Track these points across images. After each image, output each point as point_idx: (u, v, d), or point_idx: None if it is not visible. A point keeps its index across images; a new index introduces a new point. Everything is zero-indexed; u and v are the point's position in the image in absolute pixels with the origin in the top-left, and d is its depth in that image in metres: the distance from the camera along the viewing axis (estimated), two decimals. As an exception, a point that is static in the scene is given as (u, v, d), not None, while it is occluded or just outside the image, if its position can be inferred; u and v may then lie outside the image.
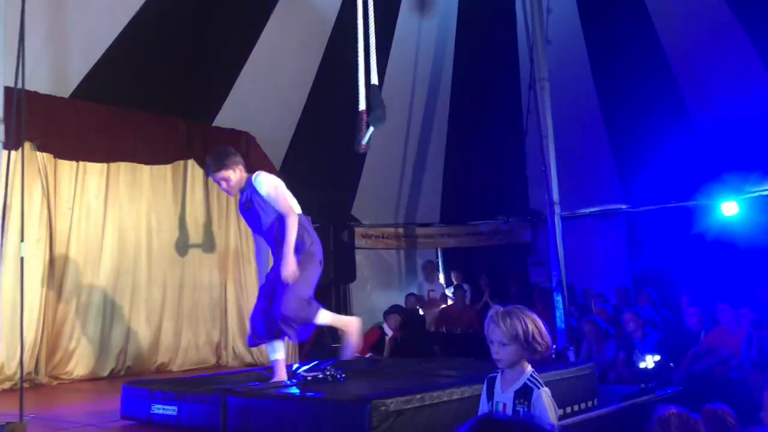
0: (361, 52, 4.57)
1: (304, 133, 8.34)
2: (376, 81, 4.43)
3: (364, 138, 4.43)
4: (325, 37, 7.69)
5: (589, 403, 4.45)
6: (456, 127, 9.21)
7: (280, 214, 4.30)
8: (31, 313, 5.76)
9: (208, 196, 7.58)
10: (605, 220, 9.22)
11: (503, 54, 8.53)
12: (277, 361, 4.38)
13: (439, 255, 10.45)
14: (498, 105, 8.76)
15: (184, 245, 7.22)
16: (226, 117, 7.67)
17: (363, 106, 4.48)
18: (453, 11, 8.32)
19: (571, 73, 8.11)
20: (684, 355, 6.02)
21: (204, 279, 7.48)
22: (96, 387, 6.14)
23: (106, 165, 6.69)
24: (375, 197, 9.44)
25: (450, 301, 9.59)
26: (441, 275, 10.34)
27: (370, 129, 4.41)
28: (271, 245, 4.45)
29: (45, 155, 6.22)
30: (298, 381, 4.28)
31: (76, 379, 6.29)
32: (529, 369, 2.37)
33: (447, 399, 3.42)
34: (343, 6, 7.37)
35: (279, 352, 4.40)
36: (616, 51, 8.09)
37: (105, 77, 6.49)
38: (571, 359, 6.18)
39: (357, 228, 9.49)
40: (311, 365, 4.68)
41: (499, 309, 2.36)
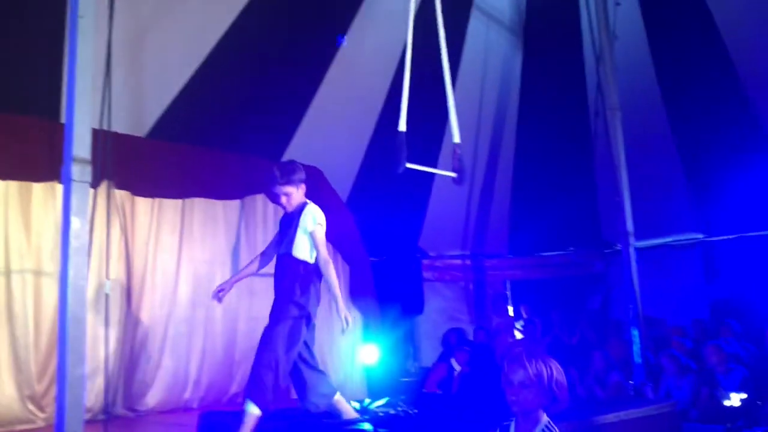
0: (407, 78, 4.59)
1: (370, 167, 8.41)
2: (458, 139, 4.48)
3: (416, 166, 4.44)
4: (391, 72, 7.78)
5: (672, 443, 4.27)
6: (523, 157, 9.13)
7: (304, 260, 4.28)
8: (109, 346, 5.92)
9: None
10: (680, 249, 8.95)
11: (570, 81, 8.44)
12: (339, 401, 4.35)
13: (508, 287, 10.30)
14: (565, 133, 8.65)
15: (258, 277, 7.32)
16: (294, 152, 7.79)
17: (403, 127, 4.52)
18: (519, 41, 8.30)
19: (641, 99, 7.95)
20: (773, 392, 5.72)
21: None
22: (172, 418, 6.24)
23: (181, 201, 6.88)
24: (442, 229, 9.40)
25: (519, 335, 9.40)
26: (510, 308, 10.18)
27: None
28: (277, 276, 4.37)
29: (123, 193, 6.45)
30: (371, 417, 4.25)
31: (152, 411, 6.41)
32: (546, 418, 2.25)
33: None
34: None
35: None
36: (686, 74, 7.90)
37: (179, 116, 6.71)
38: (650, 396, 5.96)
39: (424, 260, 9.46)
40: (383, 401, 4.65)
41: (523, 349, 2.28)
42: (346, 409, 4.30)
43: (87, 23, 3.50)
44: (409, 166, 4.47)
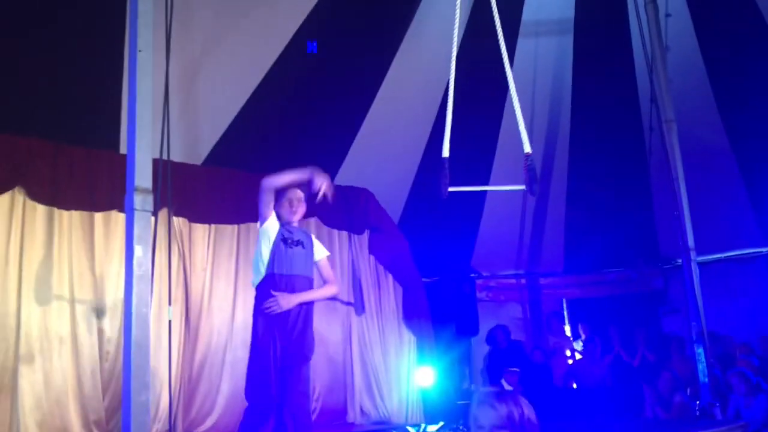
0: (451, 100, 4.57)
1: (420, 187, 8.41)
2: (528, 149, 4.38)
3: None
4: (440, 93, 7.79)
5: (746, 467, 4.10)
6: (576, 172, 8.99)
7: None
8: (171, 372, 6.01)
9: (333, 253, 7.73)
10: (743, 263, 8.68)
11: (622, 95, 8.31)
12: None
13: (564, 306, 10.11)
14: (619, 147, 8.50)
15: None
16: (345, 175, 7.87)
17: (446, 153, 4.52)
18: (568, 59, 8.23)
19: (696, 110, 7.77)
20: None
21: (330, 335, 7.58)
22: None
23: (236, 226, 7.00)
24: (495, 248, 9.32)
25: (578, 355, 9.22)
26: (567, 327, 9.99)
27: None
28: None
29: (180, 219, 6.60)
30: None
31: (211, 435, 6.48)
32: None
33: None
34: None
35: None
36: (742, 83, 7.69)
37: (233, 144, 6.85)
38: (718, 417, 5.76)
39: (478, 280, 9.38)
40: (439, 425, 4.61)
41: (491, 390, 2.22)
42: None
43: (146, 57, 3.62)
44: (452, 189, 4.43)
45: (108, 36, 5.55)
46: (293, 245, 4.39)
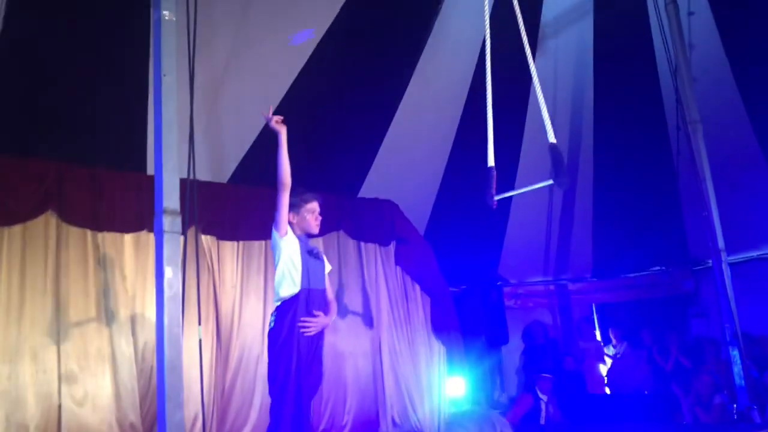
0: (490, 108, 4.47)
1: (445, 196, 8.41)
2: (553, 139, 4.09)
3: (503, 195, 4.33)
4: (462, 101, 7.81)
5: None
6: (602, 175, 8.92)
7: None
8: (203, 390, 6.07)
9: (360, 265, 7.76)
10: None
11: (645, 96, 8.24)
12: None
13: (594, 311, 10.01)
14: (644, 149, 8.42)
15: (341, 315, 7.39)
16: (369, 188, 7.90)
17: (492, 162, 4.37)
18: (589, 61, 8.19)
19: (721, 109, 7.66)
20: None
21: (360, 346, 7.59)
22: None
23: (264, 242, 7.06)
24: (522, 255, 9.27)
25: (609, 360, 9.12)
26: (597, 332, 9.89)
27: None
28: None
29: (209, 238, 6.68)
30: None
31: (245, 449, 6.52)
32: None
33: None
34: (476, 72, 7.47)
35: None
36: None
37: (258, 161, 6.91)
38: (757, 420, 5.66)
39: (505, 288, 9.33)
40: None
41: (465, 411, 2.21)
42: None
43: (170, 81, 3.69)
44: (498, 197, 4.31)
45: (133, 62, 5.67)
46: (315, 257, 4.27)
